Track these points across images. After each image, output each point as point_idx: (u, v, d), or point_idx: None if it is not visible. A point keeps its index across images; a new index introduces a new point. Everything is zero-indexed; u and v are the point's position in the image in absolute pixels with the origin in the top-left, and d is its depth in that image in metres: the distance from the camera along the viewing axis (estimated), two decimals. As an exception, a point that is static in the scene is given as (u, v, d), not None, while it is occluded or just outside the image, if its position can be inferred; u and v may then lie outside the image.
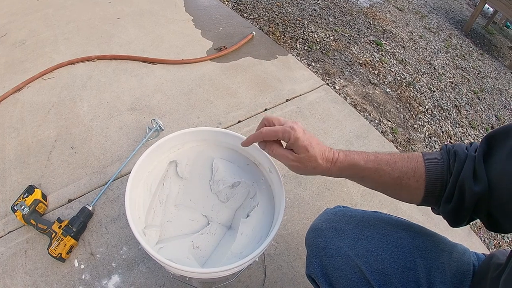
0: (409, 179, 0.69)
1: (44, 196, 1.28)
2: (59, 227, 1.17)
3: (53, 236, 1.16)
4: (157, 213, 0.96)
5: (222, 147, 1.07)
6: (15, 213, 1.19)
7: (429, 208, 0.76)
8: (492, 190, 0.59)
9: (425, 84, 2.73)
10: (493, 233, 1.83)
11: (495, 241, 1.80)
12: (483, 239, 1.75)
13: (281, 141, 0.81)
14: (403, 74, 2.71)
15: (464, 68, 3.25)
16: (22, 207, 1.18)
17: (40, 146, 1.48)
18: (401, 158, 0.71)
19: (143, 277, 1.17)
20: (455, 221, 0.68)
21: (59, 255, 1.12)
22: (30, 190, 1.25)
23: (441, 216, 0.72)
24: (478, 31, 4.26)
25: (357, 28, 3.09)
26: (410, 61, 2.94)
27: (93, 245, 1.22)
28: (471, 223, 1.79)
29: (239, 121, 1.72)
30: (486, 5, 4.05)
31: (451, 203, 0.65)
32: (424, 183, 0.68)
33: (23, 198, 1.22)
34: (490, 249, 1.72)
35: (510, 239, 1.87)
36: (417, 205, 0.74)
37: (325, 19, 3.05)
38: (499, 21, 4.88)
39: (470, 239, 1.56)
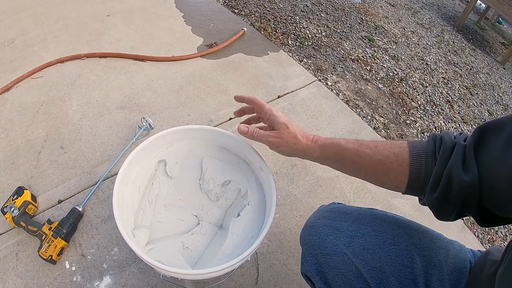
0: (391, 163, 0.68)
1: (33, 198, 1.27)
2: (49, 229, 1.16)
3: (43, 238, 1.14)
4: (146, 213, 0.95)
5: (211, 145, 1.06)
6: (5, 216, 1.17)
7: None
8: (484, 182, 0.58)
9: (417, 80, 2.73)
10: (487, 228, 1.83)
11: (489, 236, 1.81)
12: (476, 234, 1.75)
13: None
14: (395, 70, 2.71)
15: (457, 64, 3.26)
16: (12, 209, 1.17)
17: (29, 146, 1.46)
18: (383, 143, 0.71)
19: (134, 278, 1.15)
20: (440, 212, 0.66)
21: (50, 257, 1.11)
22: (19, 191, 1.23)
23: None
24: (470, 27, 4.28)
25: (349, 24, 3.09)
26: (403, 57, 2.94)
27: (84, 246, 1.21)
28: (464, 218, 1.79)
29: (230, 118, 1.70)
30: (478, 1, 4.07)
31: (437, 191, 0.63)
32: (408, 168, 0.67)
33: (12, 200, 1.20)
34: (484, 244, 1.72)
35: (503, 234, 1.88)
36: (402, 193, 0.72)
37: (317, 15, 3.04)
38: (491, 17, 4.90)
39: (464, 234, 1.57)
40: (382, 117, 2.19)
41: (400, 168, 0.67)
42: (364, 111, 2.17)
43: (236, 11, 2.72)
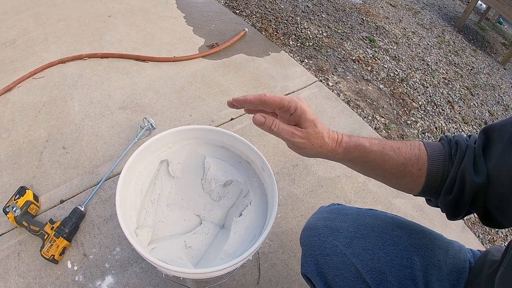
0: (412, 167, 0.66)
1: (36, 197, 1.27)
2: (51, 229, 1.16)
3: (45, 237, 1.14)
4: (148, 213, 0.96)
5: (213, 145, 1.06)
6: (7, 215, 1.17)
7: (423, 203, 0.74)
8: (489, 182, 0.59)
9: (418, 80, 2.73)
10: (487, 228, 1.84)
11: (489, 236, 1.81)
12: (477, 234, 1.75)
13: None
14: (396, 70, 2.71)
15: (457, 64, 3.26)
16: (14, 209, 1.17)
17: (31, 146, 1.47)
18: (404, 145, 0.69)
19: (136, 278, 1.16)
20: (453, 213, 0.67)
21: (52, 256, 1.11)
22: (21, 191, 1.24)
23: (435, 212, 0.71)
24: (471, 27, 4.28)
25: (350, 25, 3.09)
26: (403, 57, 2.94)
27: (86, 246, 1.21)
28: (465, 218, 1.79)
29: (232, 119, 1.71)
30: (479, 2, 4.06)
31: (452, 194, 0.63)
32: (426, 172, 0.65)
33: (14, 200, 1.20)
34: (485, 244, 1.72)
35: (504, 234, 1.88)
36: (415, 195, 0.71)
37: (318, 15, 3.05)
38: (492, 17, 4.90)
39: (464, 234, 1.57)
40: (383, 117, 2.19)
41: (419, 172, 0.66)
42: (365, 111, 2.17)
43: (238, 11, 2.73)
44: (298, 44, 2.55)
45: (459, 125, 2.47)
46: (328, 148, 0.69)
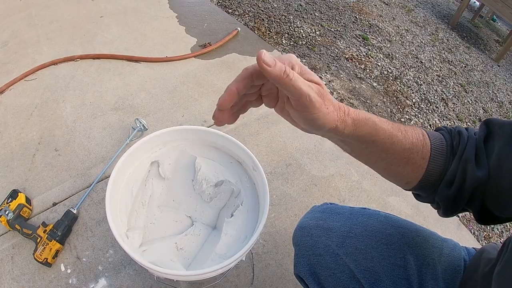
0: (417, 154, 0.59)
1: (28, 200, 1.26)
2: (44, 232, 1.16)
3: (38, 240, 1.14)
4: (139, 215, 0.95)
5: (204, 146, 1.06)
6: (0, 219, 1.17)
7: (419, 201, 0.70)
8: (489, 177, 0.55)
9: (412, 78, 2.73)
10: (482, 225, 1.84)
11: (485, 233, 1.81)
12: (472, 231, 1.76)
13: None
14: (389, 68, 2.71)
15: (451, 62, 3.27)
16: (6, 212, 1.16)
17: (23, 149, 1.46)
18: (411, 128, 0.61)
19: (130, 280, 1.15)
20: (450, 209, 0.61)
21: (45, 260, 1.11)
22: (14, 194, 1.23)
23: (430, 210, 0.68)
24: (465, 24, 4.29)
25: (343, 23, 3.09)
26: (397, 55, 2.95)
27: (79, 248, 1.21)
28: (460, 215, 1.80)
29: (225, 119, 1.70)
30: (472, -1, 4.08)
31: (452, 188, 0.58)
32: (428, 162, 0.59)
33: (7, 203, 1.20)
34: (480, 241, 1.73)
35: (500, 230, 1.89)
36: (408, 189, 0.65)
37: (311, 14, 3.05)
38: (486, 14, 4.92)
39: (459, 232, 1.57)
40: (376, 115, 2.19)
41: (422, 161, 0.59)
42: (358, 109, 2.17)
43: (230, 11, 2.72)
44: (291, 43, 2.55)
45: (453, 122, 2.48)
46: (337, 116, 0.53)
